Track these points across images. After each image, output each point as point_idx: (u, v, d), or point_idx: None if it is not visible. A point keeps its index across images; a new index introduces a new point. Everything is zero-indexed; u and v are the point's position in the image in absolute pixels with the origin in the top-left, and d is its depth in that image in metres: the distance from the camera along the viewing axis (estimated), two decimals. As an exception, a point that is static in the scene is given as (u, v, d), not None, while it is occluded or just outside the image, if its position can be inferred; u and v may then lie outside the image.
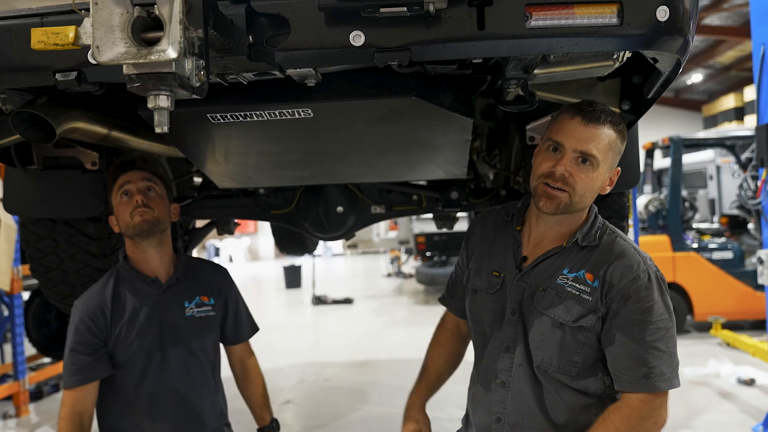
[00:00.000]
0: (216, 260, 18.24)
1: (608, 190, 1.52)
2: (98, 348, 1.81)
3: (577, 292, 1.46)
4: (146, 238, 1.85)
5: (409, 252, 12.78)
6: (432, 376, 1.82)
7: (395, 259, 14.14)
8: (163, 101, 1.01)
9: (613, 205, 2.44)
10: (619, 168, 1.51)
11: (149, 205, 1.83)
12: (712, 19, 13.68)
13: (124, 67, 0.98)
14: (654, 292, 1.43)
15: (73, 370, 1.79)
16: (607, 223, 1.57)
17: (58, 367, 5.48)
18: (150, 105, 1.02)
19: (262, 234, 19.69)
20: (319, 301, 10.33)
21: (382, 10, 1.15)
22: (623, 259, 1.46)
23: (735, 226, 7.65)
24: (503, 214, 1.67)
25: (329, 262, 18.77)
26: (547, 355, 1.48)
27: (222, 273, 2.06)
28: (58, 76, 1.30)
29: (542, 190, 1.46)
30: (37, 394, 5.27)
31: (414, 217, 9.85)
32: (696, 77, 17.76)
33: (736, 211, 7.92)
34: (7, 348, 6.04)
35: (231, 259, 19.25)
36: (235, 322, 2.07)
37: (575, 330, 1.45)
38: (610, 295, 1.43)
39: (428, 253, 10.63)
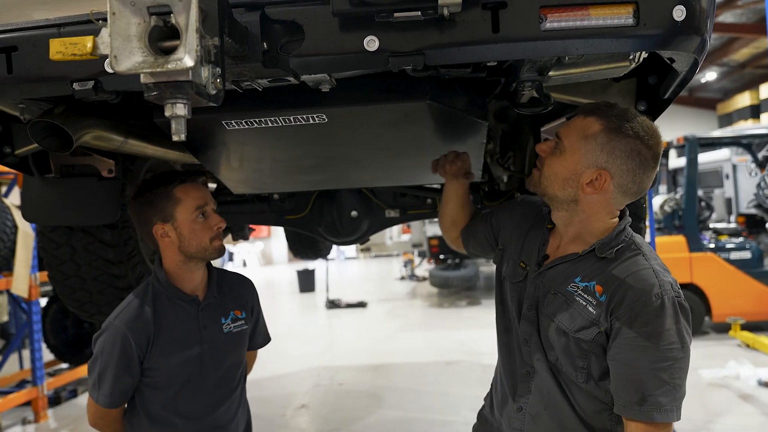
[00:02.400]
0: (229, 265, 18.33)
1: (588, 191, 1.42)
2: (138, 369, 1.77)
3: (584, 303, 1.42)
4: (203, 261, 1.83)
5: (422, 255, 12.74)
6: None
7: (408, 262, 14.11)
8: (180, 109, 1.01)
9: (629, 206, 2.42)
10: (607, 172, 1.40)
11: (224, 228, 1.82)
12: (726, 17, 13.55)
13: (142, 76, 0.98)
14: (666, 319, 1.34)
15: (120, 392, 1.76)
16: (635, 239, 1.49)
17: (76, 373, 5.53)
18: (167, 113, 1.02)
19: (275, 238, 19.75)
20: (332, 304, 10.33)
21: (396, 14, 1.15)
22: (637, 279, 1.38)
23: (752, 225, 7.57)
24: (542, 209, 1.66)
25: (342, 266, 18.78)
26: (558, 356, 1.49)
27: (249, 285, 2.04)
28: (75, 85, 1.31)
29: None
30: (55, 400, 5.32)
31: (427, 219, 9.85)
32: (710, 75, 17.60)
33: (753, 210, 7.84)
34: (26, 354, 6.11)
35: (245, 264, 19.33)
36: (253, 334, 2.06)
37: (576, 340, 1.43)
38: (617, 314, 1.37)
39: (442, 256, 10.59)
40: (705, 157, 9.07)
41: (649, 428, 1.34)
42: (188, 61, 0.95)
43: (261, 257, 20.09)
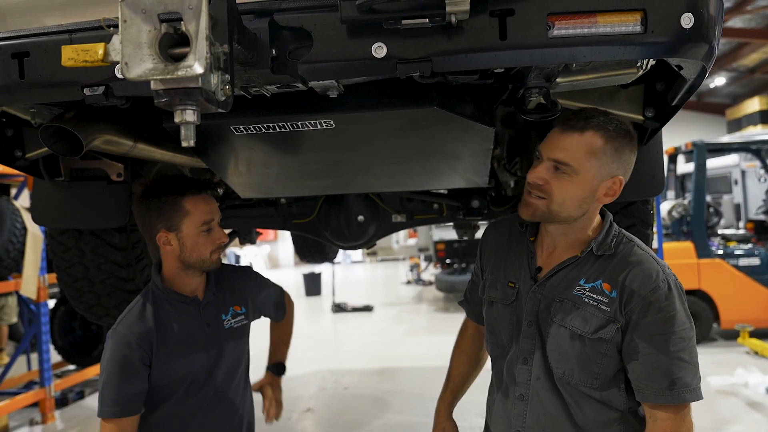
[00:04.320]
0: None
1: (606, 200, 1.47)
2: (145, 374, 1.75)
3: (595, 303, 1.43)
4: (200, 271, 1.85)
5: (428, 259, 12.74)
6: (456, 382, 1.89)
7: (415, 267, 14.10)
8: (190, 116, 1.02)
9: (637, 213, 2.41)
10: (620, 177, 1.44)
11: (225, 243, 1.84)
12: (735, 22, 13.50)
13: (152, 82, 0.99)
14: (675, 302, 1.39)
15: (127, 398, 1.71)
16: (623, 232, 1.53)
17: (84, 375, 5.56)
18: (177, 119, 1.03)
19: (281, 241, 19.78)
20: (338, 308, 10.33)
21: (404, 21, 1.16)
22: (641, 269, 1.42)
23: (761, 231, 7.51)
24: (517, 225, 1.65)
25: (349, 270, 18.78)
26: (567, 368, 1.46)
27: (245, 274, 2.06)
28: (86, 91, 1.32)
29: (523, 198, 1.49)
30: (62, 401, 5.34)
31: (434, 224, 9.83)
32: (719, 80, 17.53)
33: (762, 217, 7.78)
34: (34, 355, 6.14)
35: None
36: (276, 305, 2.13)
37: (594, 341, 1.42)
38: (630, 306, 1.40)
39: (448, 260, 10.57)
40: (713, 163, 9.03)
41: (679, 410, 1.39)
42: (198, 68, 0.96)
43: (267, 260, 20.12)
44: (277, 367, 2.13)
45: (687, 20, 1.17)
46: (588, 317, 1.43)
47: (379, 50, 1.21)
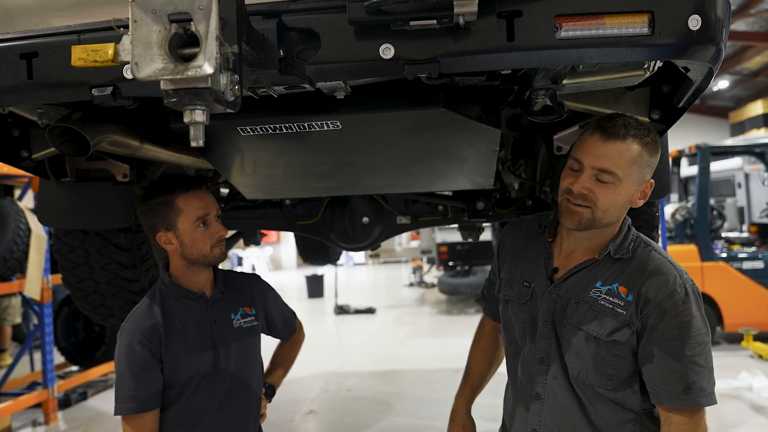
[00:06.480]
0: (238, 270, 18.36)
1: (640, 203, 1.49)
2: (158, 369, 1.76)
3: (611, 306, 1.44)
4: (205, 266, 1.85)
5: (431, 261, 12.72)
6: (475, 379, 1.91)
7: (417, 269, 14.09)
8: (199, 116, 1.03)
9: (643, 216, 2.41)
10: (651, 180, 1.48)
11: (225, 236, 1.84)
12: (739, 25, 13.49)
13: (162, 82, 1.00)
14: (692, 307, 1.40)
15: (137, 396, 1.71)
16: (641, 236, 1.54)
17: (87, 376, 5.56)
18: (186, 119, 1.03)
19: (284, 243, 19.80)
20: (341, 310, 10.33)
21: (411, 23, 1.17)
22: (659, 273, 1.43)
23: (765, 235, 7.50)
24: (535, 225, 1.66)
25: (351, 272, 18.77)
26: (582, 368, 1.47)
27: (255, 281, 2.07)
28: (94, 91, 1.33)
29: (565, 206, 1.48)
30: (65, 402, 5.35)
31: (437, 226, 9.82)
32: (723, 83, 17.51)
33: (766, 220, 7.77)
34: (37, 356, 6.15)
35: (254, 269, 19.34)
36: (284, 321, 2.10)
37: (609, 344, 1.44)
38: (647, 310, 1.41)
39: (451, 263, 10.56)
40: (717, 166, 9.01)
41: (693, 414, 1.40)
42: (208, 69, 0.96)
43: (270, 262, 20.13)
44: (268, 388, 2.07)
45: (694, 22, 1.17)
46: (603, 320, 1.44)
47: (387, 51, 1.21)
